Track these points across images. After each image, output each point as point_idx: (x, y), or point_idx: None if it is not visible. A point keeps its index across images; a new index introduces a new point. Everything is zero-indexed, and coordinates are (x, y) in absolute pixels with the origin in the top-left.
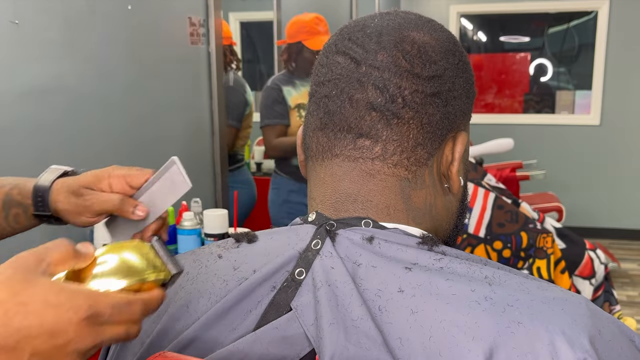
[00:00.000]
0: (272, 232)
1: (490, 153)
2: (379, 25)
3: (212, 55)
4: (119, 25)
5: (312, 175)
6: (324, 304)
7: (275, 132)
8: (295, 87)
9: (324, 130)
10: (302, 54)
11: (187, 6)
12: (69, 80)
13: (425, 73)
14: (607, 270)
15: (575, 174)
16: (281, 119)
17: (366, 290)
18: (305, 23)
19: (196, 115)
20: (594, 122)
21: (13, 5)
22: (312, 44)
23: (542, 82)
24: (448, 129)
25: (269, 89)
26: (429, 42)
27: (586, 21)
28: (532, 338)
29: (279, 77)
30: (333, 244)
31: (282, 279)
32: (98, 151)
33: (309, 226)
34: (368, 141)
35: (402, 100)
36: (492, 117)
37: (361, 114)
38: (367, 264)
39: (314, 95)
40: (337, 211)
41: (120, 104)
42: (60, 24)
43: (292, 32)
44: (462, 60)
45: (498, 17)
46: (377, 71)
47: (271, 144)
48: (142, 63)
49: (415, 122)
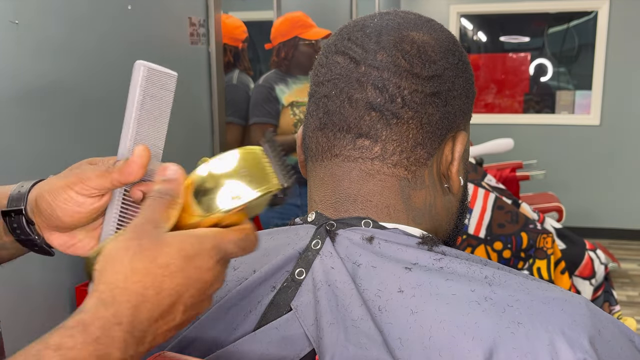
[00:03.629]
0: (272, 232)
1: (490, 153)
2: (379, 25)
3: (212, 55)
4: (119, 25)
5: (312, 175)
6: (324, 304)
7: (263, 131)
8: (287, 85)
9: (323, 130)
10: (298, 49)
11: (187, 6)
12: (68, 80)
13: (425, 73)
14: (607, 271)
15: (575, 174)
16: (269, 117)
17: (366, 290)
18: (298, 18)
19: (196, 114)
20: (594, 122)
21: (13, 5)
22: (310, 35)
23: (542, 82)
24: (448, 128)
25: (260, 86)
26: (428, 41)
27: (586, 21)
28: (532, 338)
29: (271, 75)
30: (333, 244)
31: (282, 279)
32: (98, 151)
33: (309, 226)
34: (367, 141)
35: (401, 100)
36: (492, 117)
37: (361, 113)
38: (367, 264)
39: (313, 95)
40: (337, 211)
41: (120, 103)
42: (60, 24)
43: (284, 29)
44: (462, 60)
45: (498, 17)
46: (376, 71)
47: (259, 142)
48: None
49: (415, 121)
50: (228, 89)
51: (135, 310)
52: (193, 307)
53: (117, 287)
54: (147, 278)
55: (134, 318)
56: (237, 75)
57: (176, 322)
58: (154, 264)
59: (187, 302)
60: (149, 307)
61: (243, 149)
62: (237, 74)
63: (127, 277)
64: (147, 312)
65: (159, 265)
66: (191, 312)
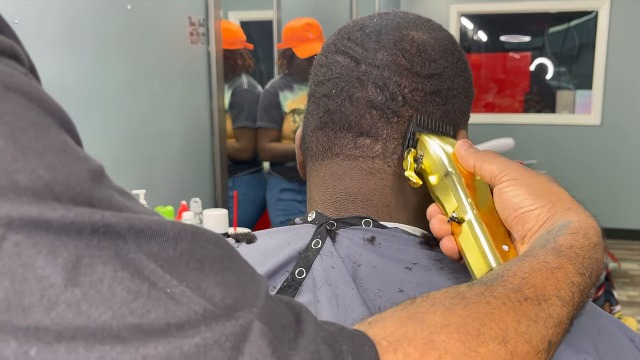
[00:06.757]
0: (272, 232)
1: None
2: (378, 25)
3: (211, 55)
4: (119, 25)
5: (312, 175)
6: (324, 303)
7: (269, 136)
8: (292, 90)
9: (323, 129)
10: (294, 60)
11: (187, 6)
12: (68, 80)
13: (425, 71)
14: (608, 271)
15: (575, 174)
16: (273, 123)
17: (366, 290)
18: (296, 30)
19: (196, 115)
20: (594, 122)
21: (13, 5)
22: (300, 51)
23: (542, 81)
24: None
25: (266, 91)
26: (428, 41)
27: (587, 21)
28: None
29: (277, 80)
30: (333, 243)
31: (282, 278)
32: (98, 151)
33: (309, 226)
34: (368, 140)
35: (402, 99)
36: (493, 116)
37: (361, 112)
38: (367, 264)
39: (313, 94)
40: (337, 210)
41: (120, 103)
42: (60, 24)
43: (285, 38)
44: (461, 59)
45: (498, 17)
46: (377, 70)
47: (264, 147)
48: (142, 63)
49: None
50: (240, 93)
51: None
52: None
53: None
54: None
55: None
56: (247, 79)
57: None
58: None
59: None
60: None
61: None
62: (246, 78)
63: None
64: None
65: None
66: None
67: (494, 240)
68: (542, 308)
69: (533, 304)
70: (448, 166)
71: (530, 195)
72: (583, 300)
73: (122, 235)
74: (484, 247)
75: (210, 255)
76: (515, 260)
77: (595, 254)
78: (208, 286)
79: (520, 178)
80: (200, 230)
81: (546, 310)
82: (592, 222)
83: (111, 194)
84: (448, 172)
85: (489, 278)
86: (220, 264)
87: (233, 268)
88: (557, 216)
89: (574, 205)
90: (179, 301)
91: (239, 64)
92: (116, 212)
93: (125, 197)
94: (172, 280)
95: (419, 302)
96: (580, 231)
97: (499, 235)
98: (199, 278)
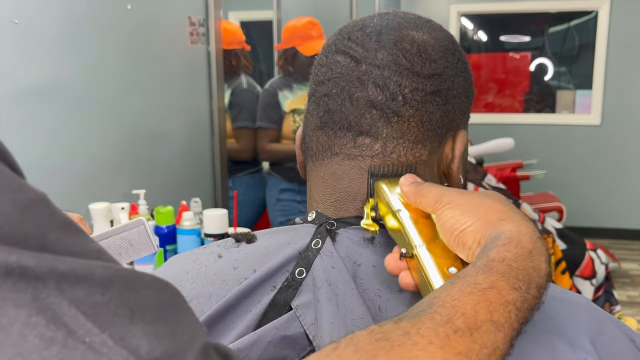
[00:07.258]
0: (272, 232)
1: (490, 153)
2: (379, 25)
3: (211, 55)
4: (119, 25)
5: (312, 174)
6: (324, 303)
7: (268, 136)
8: (292, 90)
9: (323, 129)
10: (297, 59)
11: (187, 6)
12: (68, 80)
13: (425, 71)
14: (608, 271)
15: (575, 173)
16: (272, 123)
17: (366, 290)
18: (298, 29)
19: (196, 114)
20: (594, 121)
21: (13, 5)
22: (305, 49)
23: (542, 81)
24: (448, 127)
25: (266, 91)
26: (428, 41)
27: (587, 21)
28: (532, 338)
29: (277, 80)
30: (333, 243)
31: (282, 278)
32: (97, 151)
33: (309, 225)
34: (368, 139)
35: (402, 98)
36: (493, 116)
37: (361, 112)
38: (367, 264)
39: (313, 94)
40: (337, 210)
41: (120, 103)
42: (60, 24)
43: (286, 37)
44: (461, 59)
45: (498, 17)
46: (377, 69)
47: (263, 147)
48: (142, 63)
49: (416, 120)
50: (240, 93)
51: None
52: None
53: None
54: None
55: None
56: (246, 79)
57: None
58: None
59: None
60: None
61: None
62: (245, 78)
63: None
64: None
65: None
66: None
67: (440, 268)
68: (475, 339)
69: (464, 335)
70: (394, 205)
71: (463, 213)
72: (524, 316)
73: (41, 279)
74: (429, 275)
75: (144, 303)
76: (446, 285)
77: (532, 262)
78: (134, 337)
79: (454, 200)
80: (137, 275)
81: (479, 340)
82: (526, 228)
83: (44, 230)
84: (395, 210)
85: (418, 310)
86: (155, 312)
87: (168, 318)
88: (491, 228)
89: (507, 214)
90: (98, 351)
91: (234, 64)
92: (37, 253)
93: (67, 231)
94: (93, 329)
95: (342, 347)
96: (512, 241)
97: (451, 264)
98: (126, 328)
